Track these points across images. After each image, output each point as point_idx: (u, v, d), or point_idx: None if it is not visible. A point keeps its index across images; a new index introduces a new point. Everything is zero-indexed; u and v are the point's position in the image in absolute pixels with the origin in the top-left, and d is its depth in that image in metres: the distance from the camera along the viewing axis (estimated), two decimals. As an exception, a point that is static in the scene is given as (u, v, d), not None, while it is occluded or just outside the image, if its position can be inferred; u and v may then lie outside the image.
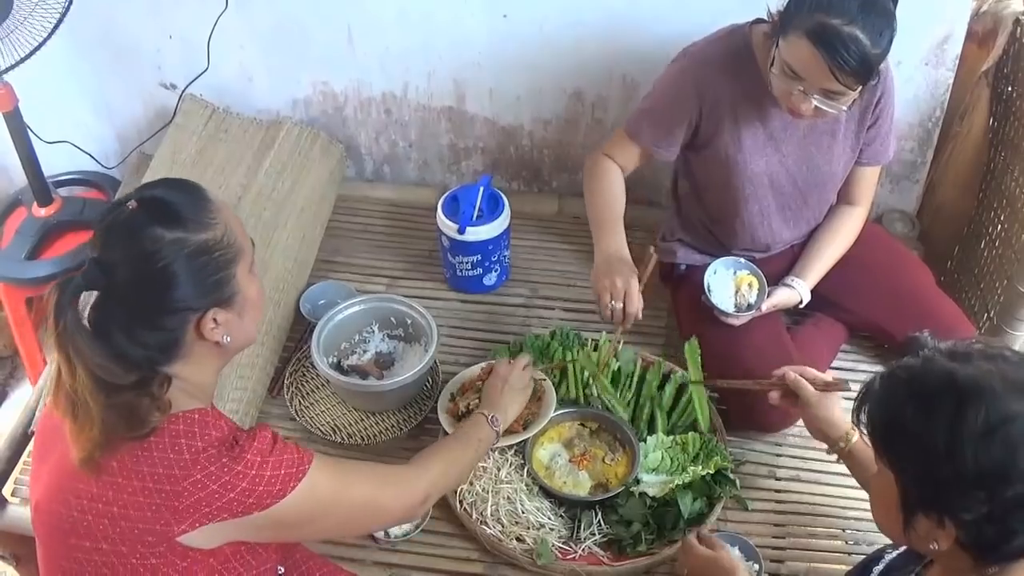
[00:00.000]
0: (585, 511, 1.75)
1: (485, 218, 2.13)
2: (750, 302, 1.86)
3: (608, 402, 1.91)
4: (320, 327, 1.98)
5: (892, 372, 1.09)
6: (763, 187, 1.88)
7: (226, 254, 1.17)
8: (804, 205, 1.95)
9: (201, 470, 1.11)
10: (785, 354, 1.91)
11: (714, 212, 1.97)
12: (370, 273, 2.31)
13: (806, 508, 1.81)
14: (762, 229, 1.96)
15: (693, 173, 1.96)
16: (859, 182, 1.95)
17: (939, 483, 1.02)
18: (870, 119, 1.83)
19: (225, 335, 1.19)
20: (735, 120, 1.80)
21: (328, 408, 2.00)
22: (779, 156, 1.84)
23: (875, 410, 1.08)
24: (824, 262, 1.94)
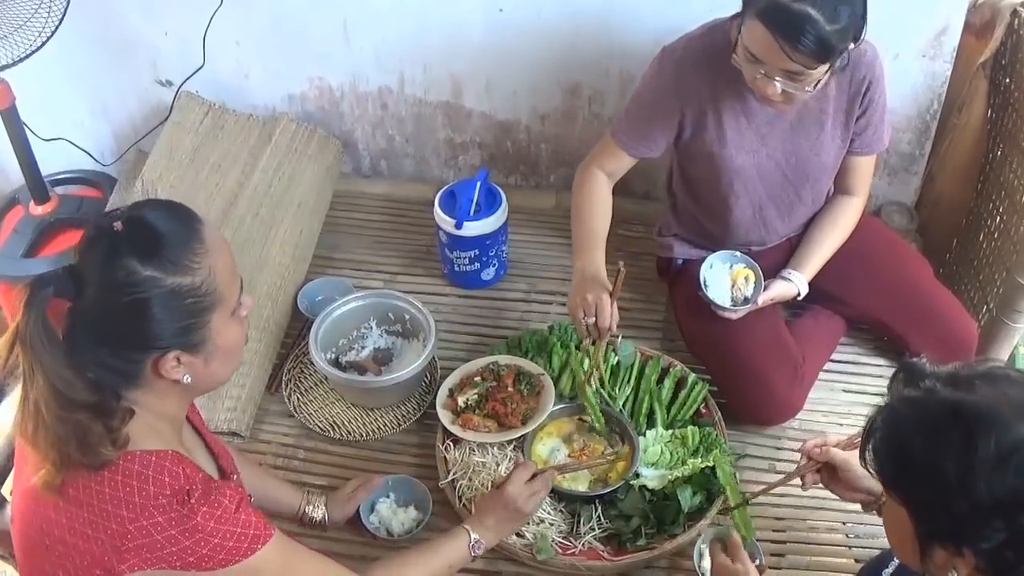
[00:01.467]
0: (584, 506, 1.74)
1: (483, 213, 2.12)
2: (746, 295, 1.85)
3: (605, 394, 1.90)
4: (318, 323, 1.98)
5: (894, 407, 1.06)
6: (751, 181, 1.86)
7: (201, 302, 1.10)
8: (797, 198, 1.93)
9: (148, 517, 1.07)
10: (784, 347, 1.90)
11: (706, 207, 1.96)
12: (368, 269, 2.30)
13: (806, 501, 1.80)
14: (754, 223, 1.94)
15: (684, 168, 1.95)
16: (854, 172, 1.92)
17: (954, 515, 0.99)
18: (859, 108, 1.80)
19: (186, 376, 1.13)
20: (717, 116, 1.78)
21: (326, 404, 1.99)
22: (766, 150, 1.82)
23: (881, 447, 1.06)
24: (821, 254, 1.92)
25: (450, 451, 1.83)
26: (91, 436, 1.06)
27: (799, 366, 1.89)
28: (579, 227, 1.87)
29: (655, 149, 1.86)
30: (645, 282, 2.24)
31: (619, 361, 1.96)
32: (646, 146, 1.85)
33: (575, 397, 1.91)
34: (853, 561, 1.70)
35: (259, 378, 2.00)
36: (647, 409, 1.89)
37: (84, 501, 1.08)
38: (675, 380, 1.94)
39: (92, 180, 2.50)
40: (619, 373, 1.95)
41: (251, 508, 1.16)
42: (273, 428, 1.97)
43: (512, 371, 1.90)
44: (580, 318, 1.73)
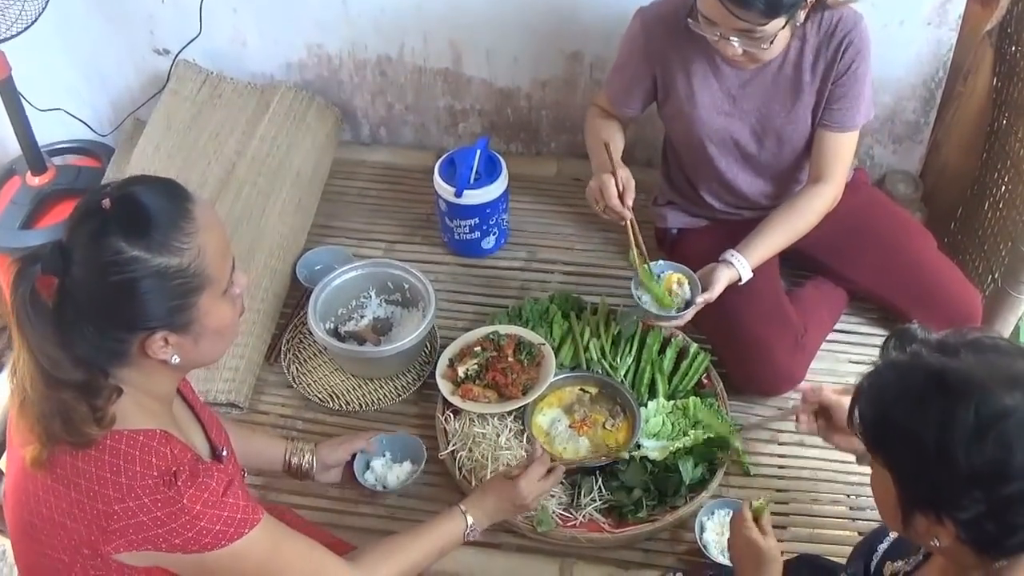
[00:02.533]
0: (585, 477, 1.73)
1: (483, 181, 2.10)
2: (686, 299, 1.77)
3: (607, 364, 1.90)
4: (317, 293, 1.97)
5: (879, 370, 1.04)
6: (726, 144, 1.85)
7: (189, 283, 1.06)
8: (777, 161, 1.89)
9: (135, 498, 1.05)
10: (784, 316, 1.89)
11: (691, 171, 1.96)
12: (367, 238, 2.29)
13: (809, 473, 1.79)
14: (736, 185, 1.92)
15: (668, 133, 1.96)
16: (826, 152, 1.80)
17: (933, 483, 0.97)
18: (835, 74, 1.74)
19: (174, 356, 1.10)
20: (688, 78, 1.78)
21: (325, 375, 1.99)
22: (739, 113, 1.81)
23: (865, 409, 1.04)
24: (771, 244, 1.81)
25: (450, 422, 1.82)
26: (75, 415, 1.04)
27: (800, 335, 1.88)
28: (592, 144, 1.91)
29: (634, 109, 1.90)
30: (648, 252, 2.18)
31: (620, 331, 1.95)
32: (626, 105, 1.89)
33: (576, 367, 1.91)
34: (856, 534, 1.69)
35: (257, 348, 1.99)
36: (648, 380, 1.88)
37: (71, 480, 1.06)
38: (677, 350, 1.93)
39: (89, 150, 2.49)
40: (620, 343, 1.94)
41: (240, 490, 1.13)
42: (272, 399, 1.96)
43: (512, 341, 1.88)
44: (597, 209, 1.78)
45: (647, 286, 1.79)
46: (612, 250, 2.23)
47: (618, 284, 2.15)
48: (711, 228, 1.98)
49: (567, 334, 1.96)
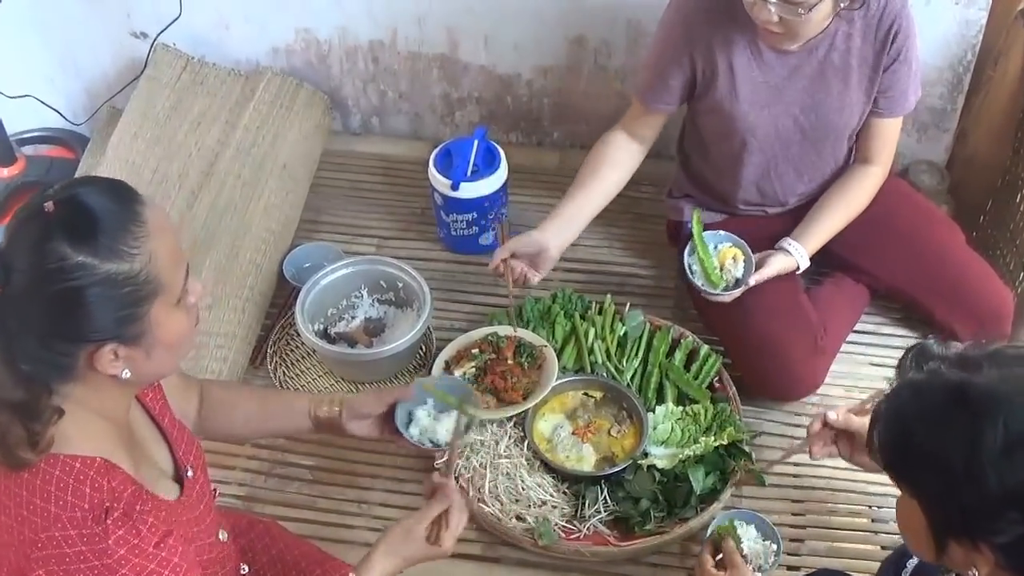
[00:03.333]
0: (590, 487, 1.73)
1: (481, 173, 2.11)
2: (737, 277, 1.82)
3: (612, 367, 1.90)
4: (305, 292, 1.97)
5: (896, 391, 1.03)
6: (767, 138, 1.83)
7: (140, 291, 1.03)
8: (817, 157, 1.89)
9: (61, 529, 1.02)
10: (802, 316, 1.89)
11: (719, 166, 1.94)
12: (358, 234, 2.29)
13: (827, 483, 1.79)
14: (770, 182, 1.92)
15: (696, 124, 1.93)
16: (876, 137, 1.87)
17: (965, 507, 0.96)
18: (885, 61, 1.75)
19: (124, 370, 1.07)
20: (730, 68, 1.76)
21: (314, 379, 1.99)
22: (783, 105, 1.79)
23: (884, 435, 1.03)
24: (827, 227, 1.87)
25: None
26: (10, 437, 1.02)
27: (819, 337, 1.88)
28: (579, 175, 1.90)
29: (671, 101, 1.84)
30: (655, 247, 2.23)
31: (626, 332, 1.95)
32: (662, 98, 1.83)
33: (580, 370, 1.91)
34: (879, 548, 1.69)
35: (242, 351, 1.99)
36: (656, 383, 1.88)
37: (3, 501, 1.05)
38: (687, 352, 1.93)
39: (62, 139, 2.48)
40: (626, 345, 1.94)
41: (179, 545, 1.09)
42: None
43: (512, 342, 1.88)
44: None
45: (700, 256, 1.82)
46: (618, 246, 2.24)
47: (624, 282, 2.17)
48: (729, 223, 1.97)
49: (570, 335, 1.95)
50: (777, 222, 1.94)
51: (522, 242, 1.83)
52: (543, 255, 1.83)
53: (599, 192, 1.89)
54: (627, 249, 2.24)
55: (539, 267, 1.84)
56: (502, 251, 1.83)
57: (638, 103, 1.87)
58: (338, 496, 1.81)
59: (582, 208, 1.88)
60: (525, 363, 1.85)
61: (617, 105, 2.30)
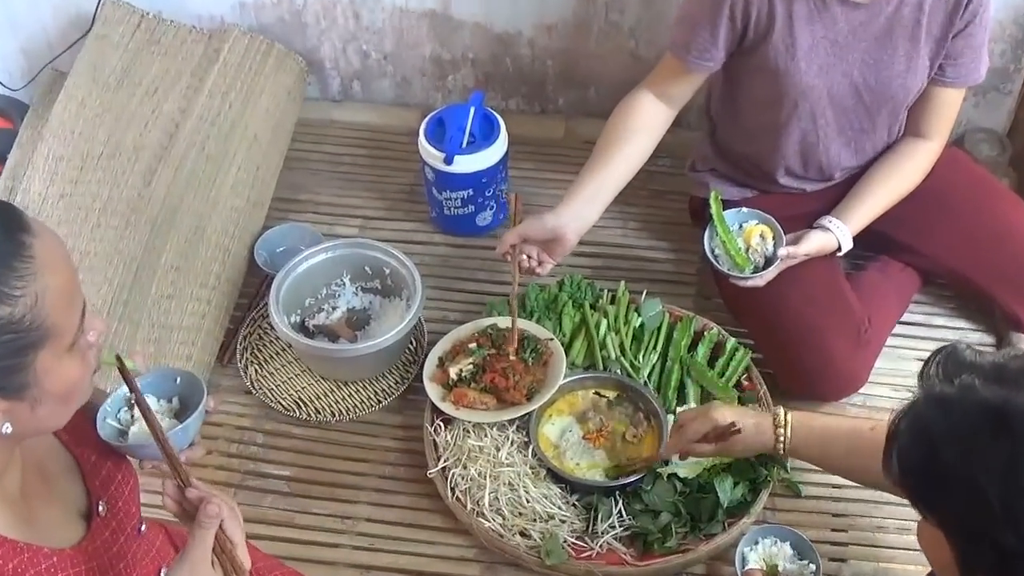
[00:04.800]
0: (603, 499, 1.73)
1: (477, 144, 2.11)
2: (767, 256, 1.83)
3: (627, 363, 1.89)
4: (279, 280, 1.97)
5: (920, 408, 1.00)
6: (820, 102, 1.82)
7: (22, 339, 0.98)
8: (871, 126, 1.88)
9: None
10: (844, 306, 1.88)
11: (757, 133, 1.93)
12: (339, 213, 2.30)
13: (872, 494, 1.78)
14: (814, 154, 1.91)
15: (733, 85, 1.91)
16: (935, 108, 1.86)
17: (1001, 548, 0.93)
18: (959, 23, 1.74)
19: (5, 425, 1.02)
20: (789, 19, 1.73)
21: (290, 378, 2.00)
22: (843, 65, 1.78)
23: (905, 456, 1.00)
24: (873, 204, 1.88)
25: (440, 433, 1.82)
26: None
27: (863, 329, 1.87)
28: (598, 145, 1.87)
29: (715, 58, 1.80)
30: (675, 227, 2.23)
31: (643, 323, 1.95)
32: (705, 54, 1.79)
33: (591, 366, 1.91)
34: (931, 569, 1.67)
35: (208, 347, 1.99)
36: (677, 381, 1.89)
37: None
38: (711, 346, 1.93)
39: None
40: (643, 338, 1.94)
41: None
42: (226, 408, 1.96)
43: (515, 336, 1.87)
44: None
45: (723, 238, 1.82)
46: (633, 227, 2.24)
47: (640, 267, 2.16)
48: (761, 200, 1.97)
49: (579, 327, 1.96)
50: (817, 201, 1.94)
51: (535, 226, 1.80)
52: (559, 241, 1.80)
53: (623, 164, 1.85)
54: (643, 230, 2.24)
55: (554, 254, 1.83)
56: (512, 235, 1.81)
57: (673, 60, 1.82)
58: (319, 511, 1.80)
59: (604, 184, 1.84)
60: (529, 359, 1.84)
61: (631, 67, 2.30)
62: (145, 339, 1.90)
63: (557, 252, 1.82)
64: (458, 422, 1.81)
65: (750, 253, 1.83)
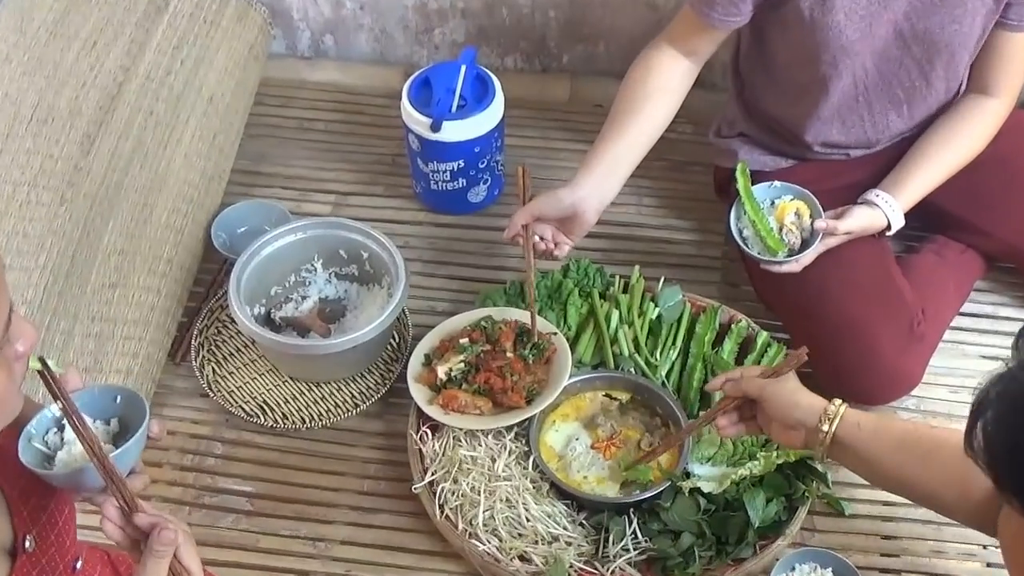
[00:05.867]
0: (615, 518, 1.72)
1: (469, 108, 2.11)
2: (803, 236, 1.84)
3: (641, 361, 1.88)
4: (241, 265, 1.96)
5: (1015, 376, 1.00)
6: (862, 58, 1.81)
7: None
8: (924, 81, 1.86)
9: None
10: (894, 294, 1.87)
11: (791, 94, 1.92)
12: (310, 188, 2.30)
13: (928, 513, 1.74)
14: (858, 117, 1.90)
15: (762, 41, 1.91)
16: (1002, 59, 1.84)
17: None
18: None
19: None
20: None
21: (254, 378, 2.00)
22: (888, 14, 1.76)
23: (994, 432, 1.00)
24: (928, 175, 1.87)
25: (427, 442, 1.82)
26: None
27: (916, 321, 1.86)
28: (613, 110, 1.87)
29: (741, 12, 1.80)
30: (697, 203, 2.24)
31: (660, 315, 1.95)
32: (729, 8, 1.79)
33: (600, 365, 1.91)
34: None
35: (157, 342, 1.98)
36: (699, 382, 1.88)
37: None
38: (739, 341, 1.93)
39: None
40: (660, 331, 1.93)
41: None
42: (179, 413, 1.97)
43: (512, 329, 1.86)
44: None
45: (751, 217, 1.82)
46: (649, 203, 2.24)
47: (657, 249, 2.16)
48: (798, 170, 1.95)
49: (587, 319, 1.95)
50: (862, 170, 1.93)
51: (549, 203, 1.80)
52: (577, 219, 1.81)
53: (644, 130, 1.85)
54: (661, 207, 2.24)
55: (571, 234, 1.83)
56: (523, 214, 1.80)
57: (692, 15, 1.83)
58: (287, 532, 1.80)
59: (624, 153, 1.84)
60: (529, 356, 1.83)
61: (646, 19, 2.29)
62: (84, 334, 1.87)
63: (575, 231, 1.83)
64: (448, 429, 1.81)
65: (783, 234, 1.82)
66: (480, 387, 1.80)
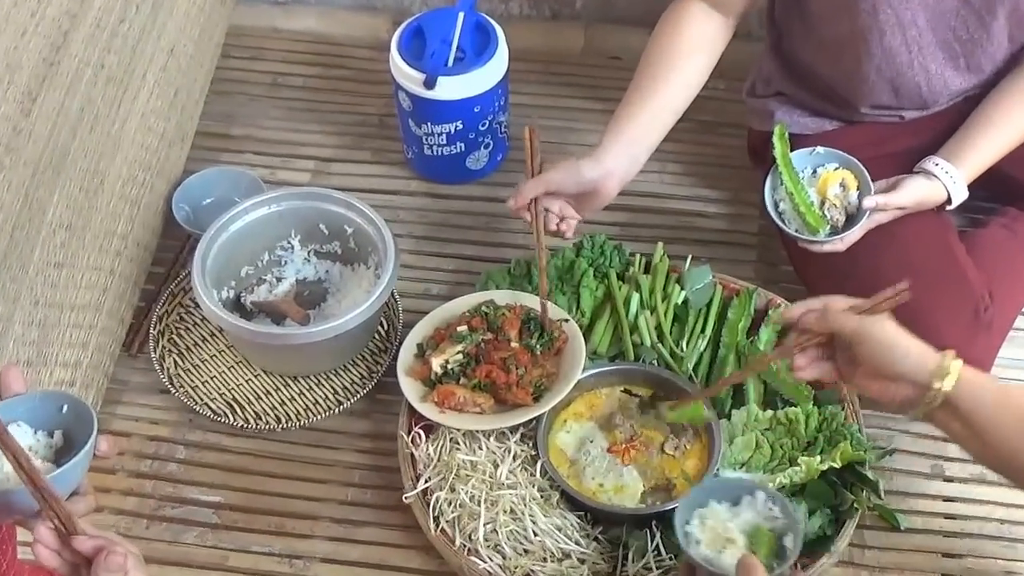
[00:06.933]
0: (635, 532, 1.71)
1: (468, 62, 2.11)
2: (849, 211, 1.84)
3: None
4: (206, 242, 1.96)
5: None
6: (908, 7, 1.81)
7: None
8: (984, 33, 1.86)
9: None
10: (956, 275, 1.86)
11: (833, 48, 1.92)
12: (286, 154, 2.31)
13: (994, 528, 1.78)
14: (910, 74, 1.89)
15: None
16: None
17: None
18: None
19: None
20: None
21: (221, 372, 2.00)
22: None
23: None
24: (994, 140, 1.87)
25: (420, 445, 1.81)
26: None
27: (983, 307, 1.85)
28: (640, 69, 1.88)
29: None
30: (729, 171, 2.25)
31: (687, 298, 1.95)
32: None
33: (618, 356, 1.91)
34: None
35: (111, 332, 1.98)
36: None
37: None
38: (777, 329, 1.91)
39: None
40: (687, 318, 1.94)
41: None
42: (136, 411, 1.96)
43: (518, 316, 1.86)
44: None
45: (789, 189, 1.81)
46: (673, 171, 2.23)
47: (683, 223, 2.16)
48: (844, 134, 1.94)
49: (603, 304, 1.95)
50: (918, 134, 1.92)
51: (569, 176, 1.79)
52: (596, 195, 1.82)
53: (678, 94, 1.87)
54: (688, 175, 2.24)
55: (584, 209, 1.84)
56: (534, 185, 1.79)
57: None
58: (260, 549, 1.79)
59: (655, 119, 1.85)
60: (537, 346, 1.83)
61: None
62: (26, 322, 1.84)
63: (589, 206, 1.84)
64: (443, 430, 1.80)
65: (826, 208, 1.82)
66: (481, 382, 1.80)
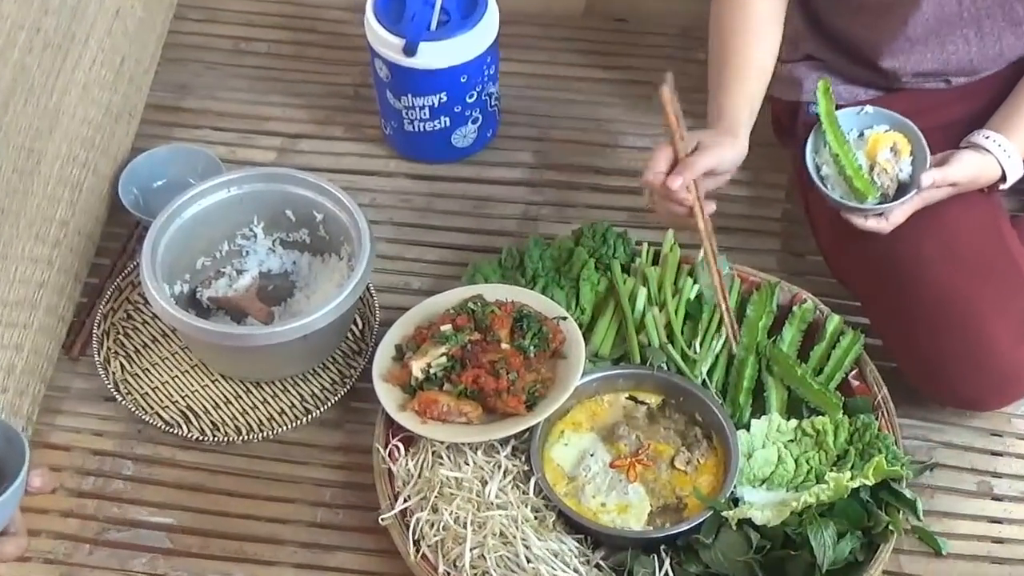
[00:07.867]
0: (641, 557, 1.71)
1: (453, 26, 2.11)
2: (901, 179, 1.83)
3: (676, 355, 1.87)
4: (157, 230, 1.95)
5: None
6: None
7: None
8: None
9: None
10: (1009, 267, 1.84)
11: (872, 8, 1.92)
12: (248, 130, 2.32)
13: None
14: (959, 37, 1.90)
15: None
16: None
17: None
18: None
19: None
20: None
21: (174, 377, 2.00)
22: None
23: None
24: None
25: (399, 459, 1.81)
26: None
27: None
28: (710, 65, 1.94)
29: None
30: (751, 148, 2.21)
31: (700, 293, 1.95)
32: None
33: (623, 359, 1.91)
34: None
35: (49, 331, 1.99)
36: (751, 380, 1.89)
37: None
38: (803, 327, 1.92)
39: None
40: (700, 315, 1.93)
41: None
42: (77, 422, 1.96)
43: (508, 313, 1.85)
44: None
45: (835, 150, 1.82)
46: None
47: None
48: (882, 103, 1.92)
49: (606, 300, 1.95)
50: (964, 102, 1.93)
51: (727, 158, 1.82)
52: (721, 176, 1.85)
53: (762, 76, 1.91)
54: None
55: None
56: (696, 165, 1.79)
57: None
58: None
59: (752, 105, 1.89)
60: (531, 347, 1.82)
61: None
62: None
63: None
64: (425, 443, 1.80)
65: (875, 174, 1.81)
66: (467, 388, 1.79)
